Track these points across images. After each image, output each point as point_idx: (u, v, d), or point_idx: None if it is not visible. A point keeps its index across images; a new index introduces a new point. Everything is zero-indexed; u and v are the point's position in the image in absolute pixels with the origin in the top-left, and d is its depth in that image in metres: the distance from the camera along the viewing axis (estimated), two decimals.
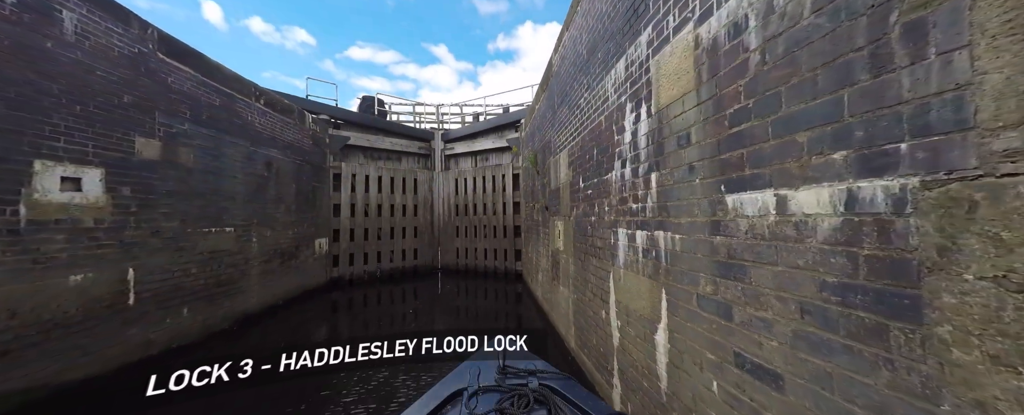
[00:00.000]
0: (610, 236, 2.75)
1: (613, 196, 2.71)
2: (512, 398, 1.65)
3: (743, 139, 1.37)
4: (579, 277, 3.63)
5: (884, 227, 0.89)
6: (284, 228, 6.83)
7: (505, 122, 10.01)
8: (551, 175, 5.25)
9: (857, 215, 0.95)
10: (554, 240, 5.02)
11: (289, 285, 6.96)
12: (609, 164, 2.77)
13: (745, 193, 1.36)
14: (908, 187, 0.84)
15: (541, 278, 6.19)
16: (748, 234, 1.34)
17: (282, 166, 6.83)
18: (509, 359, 2.11)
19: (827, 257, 1.03)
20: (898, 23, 0.86)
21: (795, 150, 1.14)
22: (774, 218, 1.22)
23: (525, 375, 1.93)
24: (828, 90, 1.03)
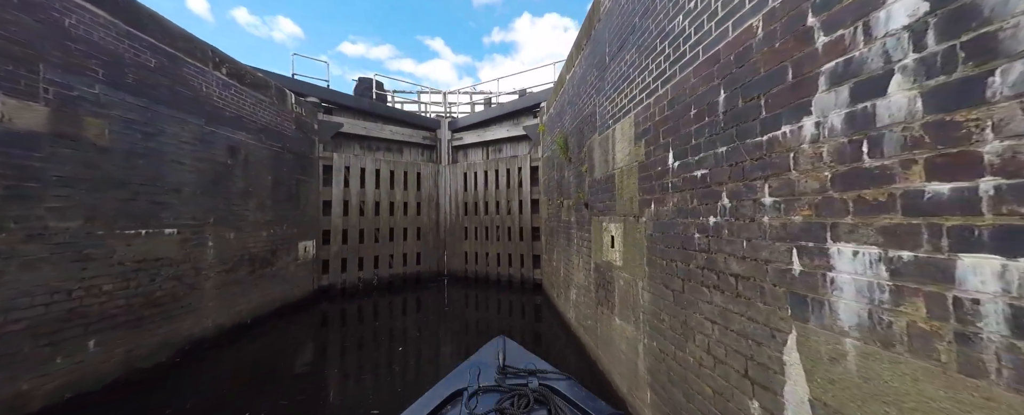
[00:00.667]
0: (790, 256, 1.32)
1: (800, 170, 1.28)
2: (512, 398, 1.64)
3: None
4: (671, 317, 2.21)
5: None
6: (255, 229, 5.57)
7: (522, 107, 8.62)
8: (595, 160, 3.83)
9: None
10: (601, 249, 3.60)
11: (262, 298, 5.71)
12: (788, 106, 1.35)
13: None
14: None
15: (575, 297, 4.78)
16: None
17: (253, 153, 5.57)
18: (509, 359, 2.13)
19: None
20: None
21: None
22: None
23: (525, 375, 1.93)
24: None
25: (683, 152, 2.05)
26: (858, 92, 1.07)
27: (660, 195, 2.34)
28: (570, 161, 5.03)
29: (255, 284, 5.58)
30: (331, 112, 8.15)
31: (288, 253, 6.44)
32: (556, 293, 6.26)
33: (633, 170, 2.79)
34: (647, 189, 2.54)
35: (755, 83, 1.49)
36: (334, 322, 6.31)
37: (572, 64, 4.90)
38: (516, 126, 8.71)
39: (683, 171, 2.06)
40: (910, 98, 0.94)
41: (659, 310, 2.34)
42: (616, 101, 3.18)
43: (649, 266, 2.49)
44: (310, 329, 5.77)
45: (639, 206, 2.67)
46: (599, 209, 3.67)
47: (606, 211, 3.45)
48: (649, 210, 2.51)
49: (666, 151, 2.26)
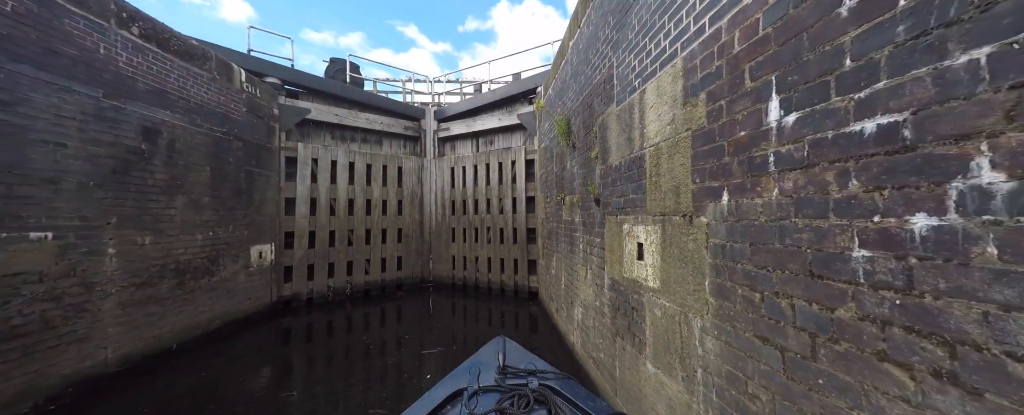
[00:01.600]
0: None
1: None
2: (512, 398, 1.62)
3: None
4: (779, 398, 1.23)
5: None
6: (185, 231, 4.51)
7: (516, 92, 7.63)
8: (610, 141, 2.86)
9: None
10: (620, 261, 2.62)
11: (195, 316, 4.64)
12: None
13: None
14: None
15: (582, 317, 3.80)
16: None
17: (183, 138, 4.51)
18: (509, 359, 2.08)
19: None
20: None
21: None
22: None
23: (525, 375, 1.90)
24: None
25: (815, 92, 1.07)
26: None
27: (746, 179, 1.36)
28: (574, 148, 4.06)
29: (186, 299, 4.51)
30: (296, 96, 7.09)
31: (235, 260, 5.37)
32: (555, 307, 5.28)
33: (681, 144, 1.82)
34: (712, 171, 1.56)
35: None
36: (294, 340, 5.25)
37: (577, 24, 3.92)
38: (509, 114, 7.72)
39: (812, 129, 1.08)
40: None
41: (744, 376, 1.36)
42: (647, 50, 2.20)
43: (718, 297, 1.52)
44: (260, 352, 4.71)
45: (694, 199, 1.70)
46: (616, 206, 2.69)
47: (629, 208, 2.47)
48: (717, 205, 1.53)
49: (762, 100, 1.28)
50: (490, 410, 1.54)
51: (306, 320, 6.20)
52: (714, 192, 1.55)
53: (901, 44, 0.85)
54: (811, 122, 1.09)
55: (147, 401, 3.36)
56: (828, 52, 1.03)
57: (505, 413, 1.51)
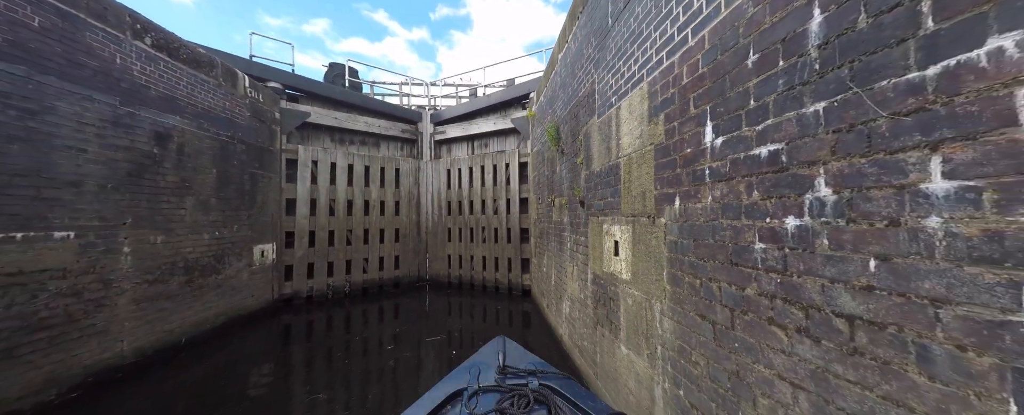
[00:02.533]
0: (1010, 294, 0.66)
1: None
2: (512, 398, 1.62)
3: None
4: (710, 361, 1.56)
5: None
6: (193, 231, 4.73)
7: (510, 97, 7.94)
8: (593, 149, 3.17)
9: None
10: (600, 257, 2.94)
11: (203, 312, 4.87)
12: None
13: None
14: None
15: (569, 310, 4.11)
16: None
17: (191, 142, 4.73)
18: (509, 359, 2.09)
19: None
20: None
21: None
22: None
23: (525, 375, 1.91)
24: None
25: (733, 122, 1.39)
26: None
27: (690, 187, 1.68)
28: (563, 153, 4.37)
29: (194, 296, 4.74)
30: (297, 100, 7.32)
31: (239, 258, 5.60)
32: (546, 303, 5.60)
33: (646, 156, 2.14)
34: (668, 180, 1.88)
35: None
36: (295, 337, 5.49)
37: (565, 40, 4.24)
38: (504, 118, 8.02)
39: (731, 150, 1.40)
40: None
41: (689, 347, 1.68)
42: (621, 71, 2.52)
43: (673, 284, 1.83)
44: (262, 347, 4.95)
45: (656, 203, 2.02)
46: (598, 208, 3.01)
47: (608, 210, 2.79)
48: (671, 208, 1.85)
49: (701, 124, 1.60)
50: (490, 410, 1.55)
51: (307, 317, 6.43)
52: (670, 197, 1.87)
53: (781, 93, 1.17)
54: (731, 145, 1.40)
55: (154, 391, 3.60)
56: (741, 92, 1.35)
57: (505, 413, 1.52)
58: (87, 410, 3.22)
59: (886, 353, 0.86)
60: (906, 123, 0.82)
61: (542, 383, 1.82)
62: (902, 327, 0.83)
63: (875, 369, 0.88)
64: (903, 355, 0.83)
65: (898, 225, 0.84)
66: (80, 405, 3.26)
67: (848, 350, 0.95)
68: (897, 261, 0.84)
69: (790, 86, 1.13)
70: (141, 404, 3.35)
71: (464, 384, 1.83)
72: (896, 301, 0.84)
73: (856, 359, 0.92)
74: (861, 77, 0.91)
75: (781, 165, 1.16)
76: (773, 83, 1.19)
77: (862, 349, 0.91)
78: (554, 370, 2.02)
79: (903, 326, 0.82)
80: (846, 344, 0.95)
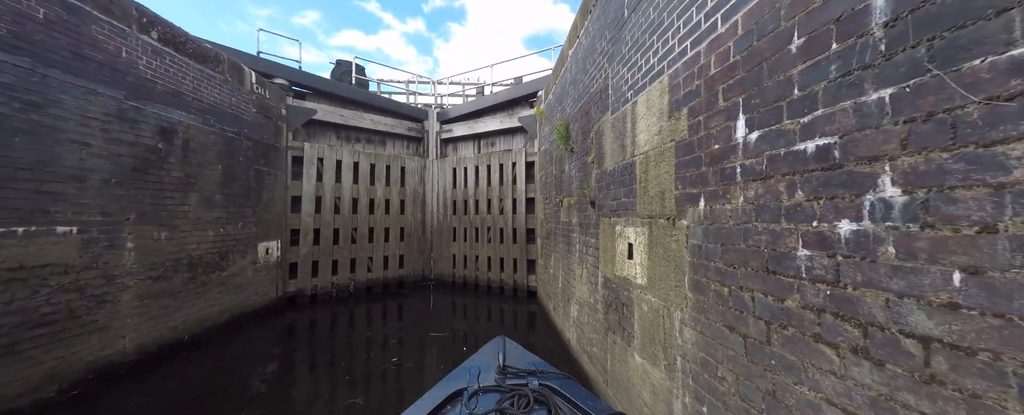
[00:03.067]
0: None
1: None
2: (512, 398, 1.62)
3: None
4: (740, 378, 1.43)
5: None
6: (198, 227, 4.70)
7: (517, 95, 7.82)
8: (605, 147, 3.04)
9: None
10: (612, 260, 2.80)
11: (206, 309, 4.83)
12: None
13: None
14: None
15: (577, 314, 3.98)
16: None
17: (197, 138, 4.70)
18: (509, 359, 2.08)
19: None
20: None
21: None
22: None
23: (525, 375, 1.90)
24: None
25: (771, 115, 1.25)
26: None
27: (718, 187, 1.54)
28: (572, 152, 4.24)
29: (198, 293, 4.70)
30: (303, 97, 7.28)
31: (244, 255, 5.56)
32: (553, 305, 5.47)
33: (666, 154, 2.00)
34: (692, 179, 1.74)
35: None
36: (299, 335, 5.44)
37: (576, 35, 4.10)
38: (511, 117, 7.91)
39: (769, 145, 1.26)
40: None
41: (714, 361, 1.54)
42: (638, 65, 2.39)
43: (696, 292, 1.70)
44: (266, 345, 4.90)
45: (677, 204, 1.88)
46: (610, 208, 2.87)
47: (621, 211, 2.65)
48: (695, 209, 1.71)
49: (731, 118, 1.46)
50: (490, 410, 1.55)
51: (310, 315, 6.39)
52: (693, 198, 1.73)
53: (833, 80, 1.03)
54: (769, 140, 1.27)
55: (156, 389, 3.55)
56: (782, 81, 1.21)
57: (505, 413, 1.52)
58: (87, 407, 3.18)
59: (976, 384, 0.72)
60: (1007, 110, 0.68)
61: (542, 383, 1.81)
62: (999, 354, 0.69)
63: (960, 403, 0.74)
64: (1001, 388, 0.69)
65: (995, 232, 0.70)
66: (80, 402, 3.22)
67: (922, 378, 0.81)
68: (993, 275, 0.70)
69: (846, 71, 0.99)
70: (142, 401, 3.30)
71: (464, 384, 1.83)
72: (991, 323, 0.70)
73: (934, 389, 0.79)
74: (944, 57, 0.78)
75: (833, 162, 1.02)
76: (824, 69, 1.06)
77: (941, 377, 0.77)
78: (554, 370, 2.03)
79: (1001, 353, 0.69)
80: (919, 371, 0.81)
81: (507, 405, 1.57)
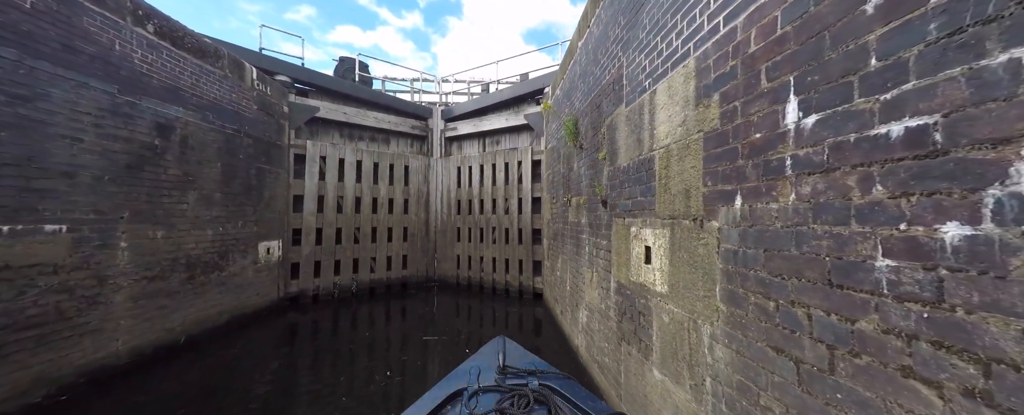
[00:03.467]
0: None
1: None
2: (512, 398, 1.61)
3: None
4: (794, 412, 1.18)
5: None
6: (196, 226, 4.58)
7: (523, 92, 7.61)
8: (618, 142, 2.82)
9: None
10: (627, 264, 2.58)
11: (205, 311, 4.71)
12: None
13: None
14: None
15: (587, 320, 3.76)
16: None
17: (195, 134, 4.58)
18: (509, 359, 2.07)
19: None
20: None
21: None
22: None
23: (525, 375, 1.89)
24: None
25: (835, 93, 1.03)
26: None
27: (760, 182, 1.31)
28: (582, 149, 4.02)
29: (196, 294, 4.58)
30: (306, 95, 7.17)
31: (244, 255, 5.44)
32: (560, 309, 5.25)
33: (692, 146, 1.77)
34: (725, 174, 1.51)
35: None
36: (301, 337, 5.30)
37: (586, 24, 3.88)
38: (516, 114, 7.70)
39: (833, 131, 1.03)
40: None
41: (756, 387, 1.32)
42: (658, 49, 2.16)
43: (730, 304, 1.47)
44: (267, 347, 4.77)
45: (705, 203, 1.65)
46: (624, 208, 2.65)
47: (637, 211, 2.43)
48: (730, 209, 1.48)
49: (779, 101, 1.23)
50: (490, 410, 1.54)
51: (313, 316, 6.26)
52: (727, 196, 1.51)
53: (933, 43, 0.80)
54: (832, 124, 1.04)
55: (157, 391, 3.42)
56: (852, 51, 0.98)
57: (505, 413, 1.51)
58: (77, 413, 3.05)
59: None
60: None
61: (542, 383, 1.80)
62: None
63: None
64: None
65: None
66: (70, 407, 3.10)
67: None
68: None
69: (954, 29, 0.76)
70: (135, 406, 3.17)
71: (464, 384, 1.81)
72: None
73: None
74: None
75: (933, 147, 0.80)
76: (917, 31, 0.83)
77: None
78: (554, 370, 2.01)
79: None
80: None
81: (507, 405, 1.56)
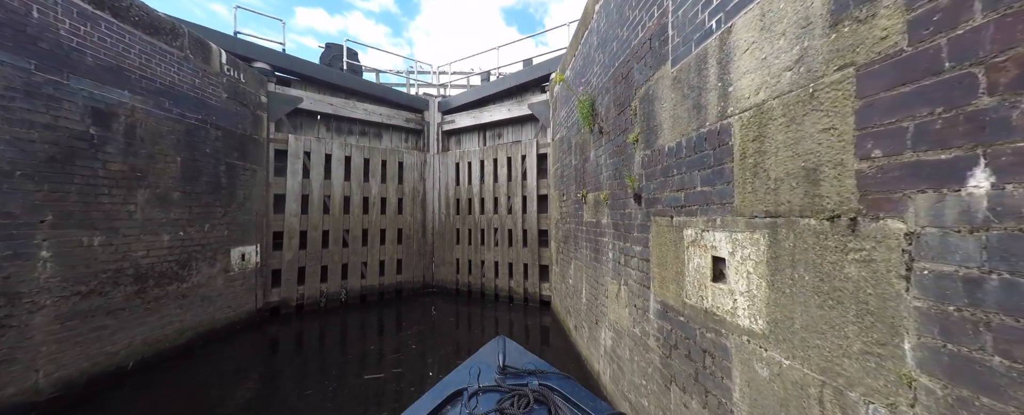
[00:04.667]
0: None
1: None
2: (512, 398, 1.62)
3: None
4: None
5: None
6: (148, 231, 3.92)
7: (527, 79, 6.91)
8: (659, 116, 2.11)
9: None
10: (680, 280, 1.86)
11: (160, 329, 4.05)
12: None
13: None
14: None
15: (612, 345, 3.04)
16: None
17: (146, 124, 3.92)
18: (509, 359, 2.08)
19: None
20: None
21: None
22: None
23: (525, 375, 1.91)
24: None
25: None
26: None
27: None
28: (601, 133, 3.32)
29: (149, 309, 3.92)
30: (288, 84, 6.51)
31: (212, 263, 4.78)
32: (573, 323, 4.54)
33: (825, 95, 1.07)
34: (934, 132, 0.81)
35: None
36: (280, 353, 4.63)
37: None
38: (520, 104, 7.00)
39: None
40: None
41: None
42: None
43: (947, 378, 0.76)
44: (234, 368, 4.09)
45: (866, 187, 0.95)
46: (672, 204, 1.95)
47: (696, 206, 1.72)
48: (944, 197, 0.78)
49: None
50: (490, 410, 1.54)
51: (296, 328, 5.60)
52: (937, 172, 0.80)
53: None
54: None
55: None
56: None
57: (505, 413, 1.51)
58: None
59: None
60: None
61: (542, 383, 1.80)
62: None
63: None
64: None
65: None
66: None
67: None
68: None
69: None
70: None
71: (464, 384, 1.81)
72: None
73: None
74: None
75: None
76: None
77: None
78: (554, 370, 2.00)
79: None
80: None
81: (507, 405, 1.57)
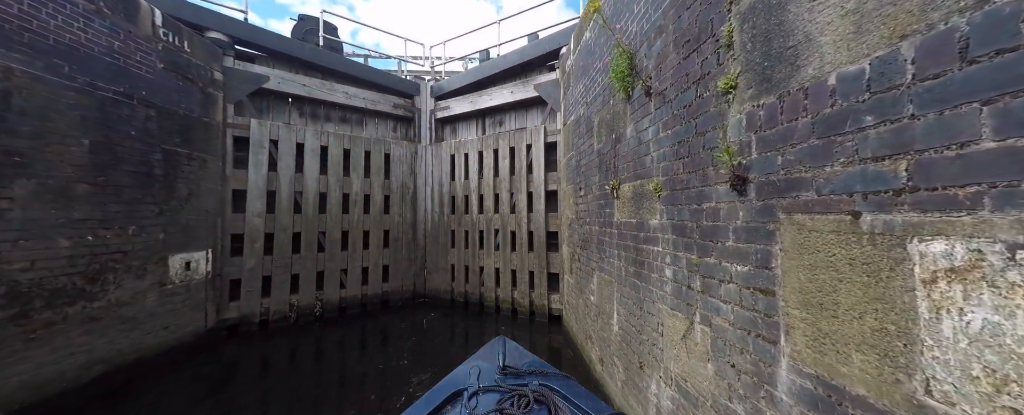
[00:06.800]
0: None
1: None
2: (512, 398, 1.63)
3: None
4: None
5: None
6: (34, 235, 2.94)
7: (533, 56, 5.92)
8: (799, 30, 1.12)
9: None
10: (873, 342, 0.88)
11: (55, 364, 3.06)
12: None
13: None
14: None
15: (671, 407, 2.05)
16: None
17: (33, 91, 2.94)
18: (509, 359, 2.10)
19: None
20: None
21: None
22: None
23: (525, 375, 1.93)
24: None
25: None
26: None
27: None
28: (649, 96, 2.34)
29: (33, 341, 2.94)
30: (252, 60, 5.53)
31: (140, 275, 3.80)
32: (597, 354, 3.54)
33: None
34: None
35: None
36: (238, 384, 3.65)
37: None
38: (524, 85, 6.02)
39: None
40: None
41: None
42: None
43: None
44: (168, 413, 3.11)
45: None
46: (850, 188, 0.97)
47: (964, 192, 0.75)
48: None
49: None
50: (490, 410, 1.56)
51: (261, 349, 4.64)
52: None
53: None
54: None
55: None
56: None
57: (505, 413, 1.52)
58: None
59: None
60: None
61: (542, 383, 1.82)
62: None
63: None
64: None
65: None
66: None
67: None
68: None
69: None
70: None
71: (464, 384, 1.81)
72: None
73: None
74: None
75: None
76: None
77: None
78: (554, 370, 2.03)
79: None
80: None
81: (507, 405, 1.58)
